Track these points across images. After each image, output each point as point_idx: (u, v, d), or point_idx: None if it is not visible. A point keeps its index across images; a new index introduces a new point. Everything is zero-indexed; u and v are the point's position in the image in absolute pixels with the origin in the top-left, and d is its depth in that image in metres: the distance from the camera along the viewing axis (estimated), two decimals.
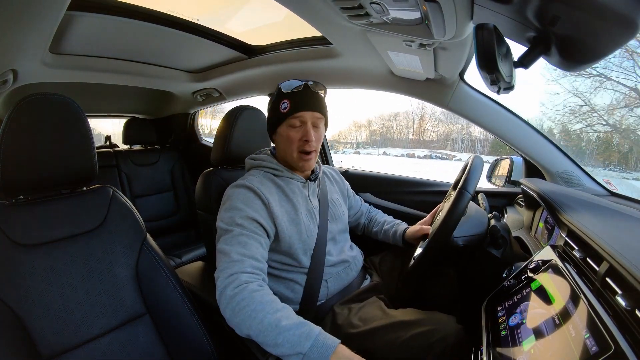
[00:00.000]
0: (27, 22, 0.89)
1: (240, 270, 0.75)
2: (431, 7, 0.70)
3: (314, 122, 0.92)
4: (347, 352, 0.66)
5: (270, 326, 0.67)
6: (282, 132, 0.93)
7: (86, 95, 1.96)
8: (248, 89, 1.88)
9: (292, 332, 0.66)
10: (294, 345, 0.65)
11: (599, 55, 0.59)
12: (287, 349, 0.65)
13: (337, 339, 0.67)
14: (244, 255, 0.77)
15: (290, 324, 0.68)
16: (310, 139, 0.90)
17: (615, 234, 0.60)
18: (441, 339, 0.75)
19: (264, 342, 0.68)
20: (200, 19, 1.31)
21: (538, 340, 0.51)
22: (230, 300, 0.72)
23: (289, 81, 0.93)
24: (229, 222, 0.82)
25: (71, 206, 0.82)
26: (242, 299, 0.71)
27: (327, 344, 0.66)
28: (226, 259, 0.77)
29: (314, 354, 0.64)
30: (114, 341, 0.77)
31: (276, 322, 0.68)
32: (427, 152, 13.75)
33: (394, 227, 1.18)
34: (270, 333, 0.67)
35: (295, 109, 0.89)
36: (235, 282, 0.73)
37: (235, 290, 0.72)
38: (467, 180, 0.84)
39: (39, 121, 0.75)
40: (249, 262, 0.77)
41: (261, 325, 0.68)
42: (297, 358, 0.65)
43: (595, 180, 1.23)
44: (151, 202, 2.19)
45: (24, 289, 0.69)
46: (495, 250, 0.90)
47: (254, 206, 0.85)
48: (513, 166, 1.43)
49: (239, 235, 0.80)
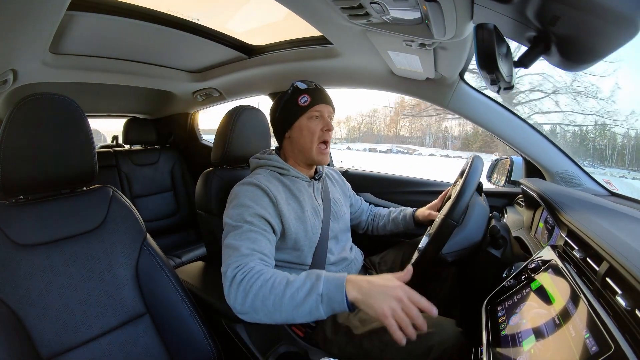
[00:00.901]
0: (27, 22, 0.89)
1: (250, 261, 0.76)
2: (431, 7, 0.70)
3: (329, 115, 0.99)
4: (357, 276, 0.68)
5: (281, 285, 0.69)
6: (302, 125, 0.96)
7: (86, 95, 1.95)
8: (248, 89, 1.88)
9: (302, 282, 0.69)
10: (310, 291, 0.67)
11: (599, 55, 0.59)
12: (305, 300, 0.67)
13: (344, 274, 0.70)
14: (253, 250, 0.79)
15: (298, 278, 0.70)
16: (331, 128, 0.98)
17: (615, 234, 0.60)
18: (440, 343, 0.75)
19: (281, 307, 0.68)
20: (200, 19, 1.31)
21: (538, 341, 0.51)
22: (240, 283, 0.72)
23: (299, 81, 1.00)
24: (238, 219, 0.83)
25: (71, 206, 0.82)
26: (251, 277, 0.72)
27: (336, 276, 0.68)
28: (236, 253, 0.77)
29: (330, 287, 0.66)
30: (113, 341, 0.77)
31: (286, 282, 0.70)
32: (388, 146, 14.37)
33: (401, 213, 1.20)
34: (285, 294, 0.68)
35: (316, 102, 0.96)
36: (244, 268, 0.74)
37: (243, 275, 0.73)
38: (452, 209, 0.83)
39: (39, 121, 0.75)
40: (258, 256, 0.78)
41: (274, 290, 0.69)
42: (316, 301, 0.66)
43: (595, 180, 1.23)
44: (151, 202, 2.19)
45: (23, 289, 0.69)
46: (495, 250, 0.90)
47: (262, 204, 0.86)
48: (513, 166, 1.43)
49: (248, 232, 0.81)
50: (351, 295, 0.65)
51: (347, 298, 0.65)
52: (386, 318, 0.60)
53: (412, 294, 0.63)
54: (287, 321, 0.70)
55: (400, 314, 0.61)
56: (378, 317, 0.62)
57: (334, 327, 0.88)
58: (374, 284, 0.65)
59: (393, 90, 1.46)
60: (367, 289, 0.64)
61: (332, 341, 0.87)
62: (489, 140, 11.86)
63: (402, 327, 0.61)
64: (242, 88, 1.88)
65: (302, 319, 0.68)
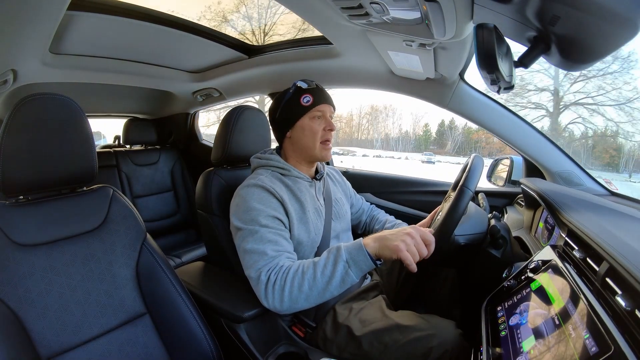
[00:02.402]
0: (27, 22, 0.89)
1: (279, 261, 0.81)
2: (431, 7, 0.70)
3: (330, 114, 0.99)
4: (371, 235, 0.78)
5: (310, 268, 0.77)
6: (305, 125, 0.96)
7: (86, 95, 1.95)
8: (248, 89, 1.88)
9: (326, 258, 0.78)
10: (337, 260, 0.76)
11: (599, 55, 0.59)
12: (334, 270, 0.75)
13: None
14: (278, 251, 0.83)
15: (322, 257, 0.79)
16: (334, 127, 0.98)
17: (615, 234, 0.60)
18: (440, 344, 0.75)
19: (317, 286, 0.76)
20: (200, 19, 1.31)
21: (538, 341, 0.51)
22: (274, 283, 0.78)
23: (301, 80, 0.99)
24: (252, 223, 0.84)
25: (71, 206, 0.82)
26: (283, 274, 0.78)
27: (353, 242, 0.78)
28: (264, 257, 0.81)
29: (351, 252, 0.76)
30: (113, 341, 0.77)
31: (313, 264, 0.78)
32: None
33: (395, 226, 1.18)
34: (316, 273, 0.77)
35: (318, 102, 0.96)
36: (275, 269, 0.80)
37: (276, 276, 0.79)
38: (468, 179, 0.84)
39: (39, 121, 0.74)
40: (285, 255, 0.83)
41: (305, 275, 0.77)
42: (344, 267, 0.75)
43: (596, 180, 1.23)
44: (151, 202, 2.19)
45: (23, 289, 0.69)
46: (495, 250, 0.90)
47: (272, 205, 0.87)
48: (513, 166, 1.43)
49: (267, 234, 0.83)
50: (371, 249, 0.74)
51: (369, 254, 0.74)
52: (401, 252, 0.70)
53: (421, 230, 0.74)
54: (326, 298, 0.78)
55: (412, 247, 0.71)
56: (394, 253, 0.71)
57: (334, 327, 0.88)
58: (387, 232, 0.76)
59: (393, 90, 1.46)
60: (382, 237, 0.75)
61: (332, 341, 0.87)
62: None
63: (414, 259, 0.70)
64: (242, 88, 1.88)
65: (338, 289, 0.76)
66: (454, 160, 15.30)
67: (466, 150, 17.04)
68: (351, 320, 0.87)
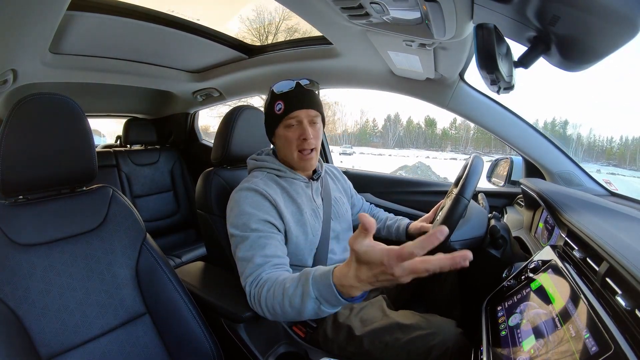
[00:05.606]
0: (27, 22, 0.89)
1: (262, 271, 0.78)
2: (431, 7, 0.70)
3: (310, 119, 0.91)
4: (342, 268, 0.61)
5: (279, 295, 0.70)
6: (280, 134, 0.92)
7: (86, 95, 1.96)
8: (248, 89, 1.88)
9: (295, 288, 0.67)
10: (305, 295, 0.65)
11: (599, 55, 0.59)
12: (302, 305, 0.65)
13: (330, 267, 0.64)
14: (266, 257, 0.79)
15: (292, 283, 0.69)
16: (308, 137, 0.89)
17: (615, 234, 0.60)
18: (440, 343, 0.75)
19: (288, 313, 0.69)
20: (200, 19, 1.31)
21: (538, 340, 0.51)
22: (254, 296, 0.76)
23: (280, 82, 0.91)
24: (244, 229, 0.83)
25: (71, 206, 0.82)
26: (258, 289, 0.75)
27: (324, 274, 0.63)
28: (250, 265, 0.79)
29: (320, 290, 0.63)
30: (113, 341, 0.77)
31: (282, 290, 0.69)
32: None
33: (396, 222, 1.18)
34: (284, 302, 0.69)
35: (290, 109, 0.88)
36: (255, 280, 0.77)
37: (254, 289, 0.76)
38: (464, 186, 0.84)
39: (39, 121, 0.74)
40: (271, 262, 0.79)
41: (276, 299, 0.71)
42: (314, 303, 0.64)
43: (596, 180, 1.23)
44: (151, 202, 2.19)
45: (23, 288, 0.69)
46: (495, 250, 0.90)
47: (264, 208, 0.85)
48: (513, 166, 1.43)
49: (258, 239, 0.81)
50: (343, 290, 0.60)
51: (341, 294, 0.60)
52: (371, 286, 0.57)
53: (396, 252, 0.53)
54: (303, 319, 0.74)
55: (381, 277, 0.54)
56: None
57: (335, 327, 0.88)
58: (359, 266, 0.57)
59: (393, 91, 1.46)
60: (353, 276, 0.58)
61: (332, 341, 0.88)
62: None
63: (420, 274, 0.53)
64: (242, 88, 1.88)
65: (313, 317, 0.69)
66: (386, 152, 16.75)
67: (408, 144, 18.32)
68: (352, 319, 0.87)
